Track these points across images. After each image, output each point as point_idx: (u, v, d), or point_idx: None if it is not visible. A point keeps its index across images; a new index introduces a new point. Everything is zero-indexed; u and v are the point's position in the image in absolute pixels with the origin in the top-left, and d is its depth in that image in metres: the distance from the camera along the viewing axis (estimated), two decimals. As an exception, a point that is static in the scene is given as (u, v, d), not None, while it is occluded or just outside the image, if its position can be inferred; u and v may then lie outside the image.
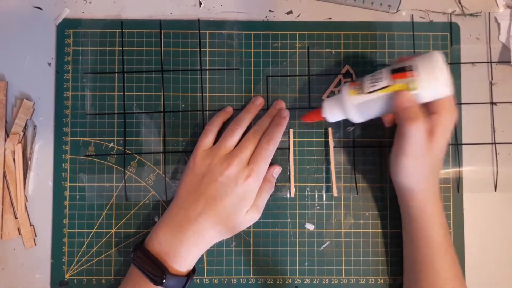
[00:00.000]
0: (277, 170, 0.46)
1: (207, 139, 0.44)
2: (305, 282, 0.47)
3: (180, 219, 0.42)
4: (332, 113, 0.43)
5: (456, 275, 0.42)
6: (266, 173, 0.44)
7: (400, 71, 0.38)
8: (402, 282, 0.45)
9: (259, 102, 0.47)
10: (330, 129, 0.47)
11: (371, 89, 0.39)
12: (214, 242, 0.43)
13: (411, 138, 0.39)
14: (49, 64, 0.48)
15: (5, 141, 0.47)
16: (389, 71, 0.39)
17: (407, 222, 0.44)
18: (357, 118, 0.41)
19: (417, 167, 0.41)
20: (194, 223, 0.41)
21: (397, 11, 0.48)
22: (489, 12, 0.49)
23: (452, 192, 0.47)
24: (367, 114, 0.41)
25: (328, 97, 0.47)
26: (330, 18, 0.48)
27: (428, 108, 0.39)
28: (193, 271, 0.43)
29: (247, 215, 0.43)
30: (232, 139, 0.44)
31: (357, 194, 0.47)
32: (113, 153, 0.47)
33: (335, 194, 0.47)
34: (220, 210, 0.41)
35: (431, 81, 0.37)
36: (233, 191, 0.42)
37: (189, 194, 0.42)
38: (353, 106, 0.41)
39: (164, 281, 0.40)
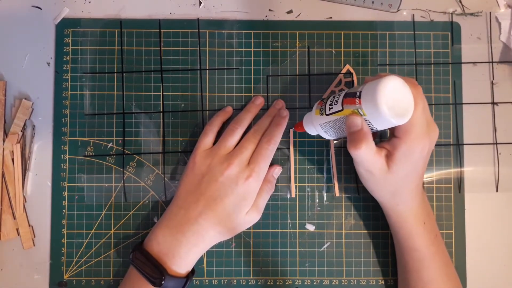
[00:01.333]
0: (277, 170, 0.46)
1: (207, 139, 0.44)
2: (305, 283, 0.47)
3: (179, 220, 0.41)
4: (308, 127, 0.43)
5: (446, 281, 0.42)
6: (267, 174, 0.44)
7: (350, 96, 0.37)
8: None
9: (259, 101, 0.47)
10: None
11: (328, 112, 0.39)
12: (214, 243, 0.43)
13: (356, 161, 0.39)
14: (48, 64, 0.48)
15: (4, 141, 0.46)
16: (342, 97, 0.38)
17: (392, 232, 0.44)
18: (325, 135, 0.42)
19: (376, 188, 0.41)
20: (194, 223, 0.41)
21: (397, 11, 0.48)
22: (490, 12, 0.48)
23: (454, 192, 0.47)
24: (331, 134, 0.41)
25: (323, 99, 0.47)
26: (331, 18, 0.48)
27: (393, 133, 0.39)
28: (192, 272, 0.43)
29: (247, 216, 0.43)
30: (232, 139, 0.44)
31: (358, 195, 0.47)
32: (112, 153, 0.47)
33: (337, 194, 0.47)
34: (220, 210, 0.41)
35: (373, 110, 0.35)
36: (233, 191, 0.41)
37: (189, 194, 0.42)
38: (318, 124, 0.41)
39: (163, 282, 0.39)
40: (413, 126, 0.37)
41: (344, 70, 0.47)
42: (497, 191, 0.48)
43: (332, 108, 0.39)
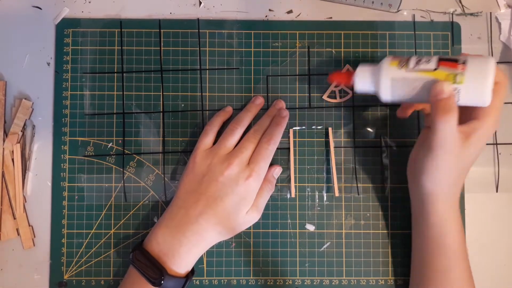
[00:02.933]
0: (277, 170, 0.46)
1: (207, 139, 0.44)
2: (305, 283, 0.47)
3: (179, 220, 0.41)
4: (363, 80, 0.40)
5: (470, 285, 0.41)
6: (267, 174, 0.44)
7: (451, 60, 0.37)
8: (408, 284, 0.45)
9: (259, 101, 0.47)
10: (330, 129, 0.47)
11: (415, 67, 0.37)
12: (214, 242, 0.43)
13: (441, 132, 0.36)
14: (48, 64, 0.48)
15: (4, 141, 0.46)
16: (438, 58, 0.37)
17: (423, 228, 0.41)
18: (386, 94, 0.39)
19: (443, 167, 0.38)
20: (194, 223, 0.41)
21: (397, 11, 0.48)
22: (490, 12, 0.48)
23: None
24: (398, 94, 0.38)
25: (328, 96, 0.46)
26: (331, 18, 0.48)
27: (471, 114, 0.38)
28: (192, 272, 0.43)
29: (247, 215, 0.43)
30: (232, 139, 0.44)
31: (358, 195, 0.47)
32: (112, 153, 0.47)
33: (336, 194, 0.47)
34: (220, 210, 0.41)
35: (478, 81, 0.35)
36: (233, 191, 0.41)
37: (189, 194, 0.42)
38: (388, 78, 0.38)
39: (162, 282, 0.39)
40: (495, 110, 0.37)
41: (344, 70, 0.47)
42: (497, 191, 0.47)
43: (420, 65, 0.37)
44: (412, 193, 0.43)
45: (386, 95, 0.39)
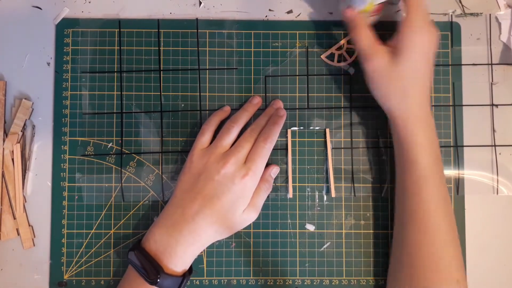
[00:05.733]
0: (275, 170, 0.46)
1: (204, 138, 0.44)
2: (305, 283, 0.47)
3: (176, 218, 0.41)
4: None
5: (443, 205, 0.41)
6: (264, 173, 0.44)
7: None
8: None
9: (257, 101, 0.47)
10: (327, 130, 0.47)
11: None
12: (211, 241, 0.43)
13: (360, 55, 0.42)
14: (48, 64, 0.48)
15: (4, 141, 0.46)
16: None
17: (396, 153, 0.43)
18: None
19: (386, 90, 0.42)
20: (191, 222, 0.41)
21: (397, 11, 0.48)
22: (490, 13, 0.48)
23: (453, 194, 0.47)
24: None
25: (327, 57, 0.48)
26: (331, 13, 0.48)
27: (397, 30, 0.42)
28: (190, 271, 0.43)
29: (244, 214, 0.43)
30: (228, 138, 0.44)
31: (355, 195, 0.47)
32: (112, 153, 0.47)
33: (333, 194, 0.47)
34: (217, 209, 0.41)
35: None
36: (230, 190, 0.41)
37: (185, 193, 0.42)
38: None
39: (158, 280, 0.39)
40: (413, 17, 0.40)
41: (349, 37, 0.47)
42: (497, 193, 0.47)
43: None
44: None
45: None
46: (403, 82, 0.41)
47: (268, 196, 0.46)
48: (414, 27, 0.40)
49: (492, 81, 0.48)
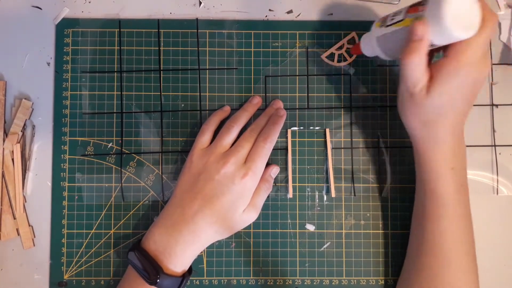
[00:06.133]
0: (275, 170, 0.46)
1: (204, 138, 0.44)
2: (305, 283, 0.47)
3: (176, 218, 0.41)
4: (365, 45, 0.42)
5: (463, 235, 0.40)
6: (264, 173, 0.44)
7: (416, 5, 0.36)
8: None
9: (257, 101, 0.47)
10: (327, 130, 0.47)
11: (389, 22, 0.38)
12: (211, 241, 0.43)
13: (402, 75, 0.37)
14: (48, 64, 0.48)
15: (4, 141, 0.46)
16: (407, 8, 0.37)
17: (416, 177, 0.42)
18: (381, 52, 0.40)
19: (410, 114, 0.39)
20: (191, 222, 0.41)
21: (398, 2, 0.48)
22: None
23: (453, 193, 0.47)
24: (389, 50, 0.39)
25: (327, 57, 0.48)
26: (331, 14, 0.48)
27: (445, 51, 0.36)
28: (189, 271, 0.43)
29: (244, 214, 0.43)
30: (228, 137, 0.44)
31: (355, 195, 0.47)
32: (112, 153, 0.47)
33: (333, 194, 0.47)
34: (217, 209, 0.41)
35: (435, 18, 0.33)
36: (229, 190, 0.41)
37: (185, 193, 0.42)
38: (375, 38, 0.40)
39: (158, 281, 0.39)
40: (467, 47, 0.34)
41: (349, 37, 0.47)
42: (497, 193, 0.47)
43: (394, 18, 0.37)
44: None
45: (382, 55, 0.41)
46: (428, 115, 0.38)
47: (268, 196, 0.46)
48: (466, 57, 0.34)
49: (492, 81, 0.48)
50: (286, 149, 0.47)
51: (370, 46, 0.41)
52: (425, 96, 0.37)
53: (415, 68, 0.36)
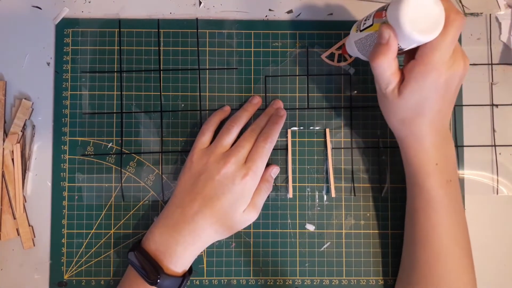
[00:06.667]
0: (275, 170, 0.46)
1: (204, 138, 0.44)
2: (305, 283, 0.47)
3: (176, 218, 0.41)
4: (348, 47, 0.43)
5: (454, 228, 0.40)
6: (264, 173, 0.44)
7: (380, 9, 0.36)
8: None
9: (256, 101, 0.47)
10: (327, 130, 0.47)
11: (362, 27, 0.39)
12: (211, 241, 0.43)
13: (374, 75, 0.37)
14: (48, 64, 0.48)
15: (4, 141, 0.46)
16: (374, 12, 0.37)
17: (406, 174, 0.43)
18: (360, 55, 0.41)
19: (387, 113, 0.40)
20: (191, 222, 0.41)
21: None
22: (490, 13, 0.48)
23: (453, 193, 0.47)
24: (367, 52, 0.40)
25: (327, 57, 0.48)
26: (331, 14, 0.48)
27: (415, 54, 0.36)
28: (190, 272, 0.43)
29: (245, 214, 0.43)
30: (228, 138, 0.44)
31: (355, 195, 0.47)
32: (112, 153, 0.47)
33: (333, 195, 0.47)
34: (217, 209, 0.41)
35: (395, 22, 0.33)
36: (230, 190, 0.41)
37: (185, 193, 0.42)
38: (352, 42, 0.41)
39: (158, 281, 0.39)
40: (433, 49, 0.34)
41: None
42: (497, 193, 0.47)
43: (365, 23, 0.38)
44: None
45: (362, 57, 0.42)
46: (403, 114, 0.39)
47: (268, 196, 0.46)
48: (431, 59, 0.35)
49: (492, 81, 0.48)
50: (286, 149, 0.47)
51: (351, 49, 0.42)
52: (397, 96, 0.38)
53: (384, 71, 0.36)
